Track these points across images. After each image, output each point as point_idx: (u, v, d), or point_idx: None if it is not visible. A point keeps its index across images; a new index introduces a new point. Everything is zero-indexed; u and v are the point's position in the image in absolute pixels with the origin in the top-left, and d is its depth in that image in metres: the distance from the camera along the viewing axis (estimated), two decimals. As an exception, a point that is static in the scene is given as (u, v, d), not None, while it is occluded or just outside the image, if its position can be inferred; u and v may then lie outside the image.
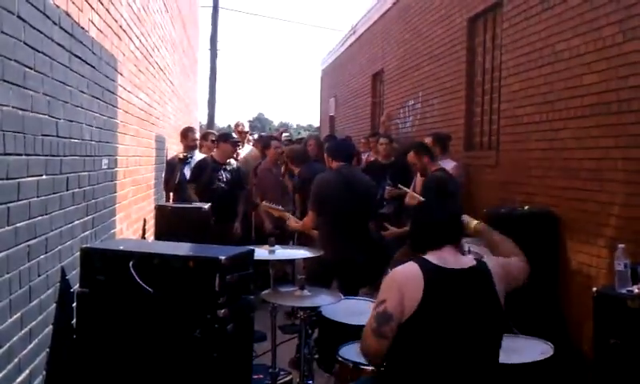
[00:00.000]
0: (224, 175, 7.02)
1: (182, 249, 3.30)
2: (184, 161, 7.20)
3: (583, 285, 5.04)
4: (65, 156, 3.31)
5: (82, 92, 3.68)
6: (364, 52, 13.31)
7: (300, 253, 4.02)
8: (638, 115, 4.42)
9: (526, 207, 5.69)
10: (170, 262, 3.11)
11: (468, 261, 2.99)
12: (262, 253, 3.83)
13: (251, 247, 3.52)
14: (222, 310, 3.03)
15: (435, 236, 2.95)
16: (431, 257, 2.89)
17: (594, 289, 3.48)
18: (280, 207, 5.78)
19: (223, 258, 3.05)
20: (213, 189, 6.90)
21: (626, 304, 3.20)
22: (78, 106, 3.58)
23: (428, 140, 6.86)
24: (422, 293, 2.74)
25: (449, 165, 6.66)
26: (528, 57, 6.06)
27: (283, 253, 3.92)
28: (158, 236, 6.01)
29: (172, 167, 7.40)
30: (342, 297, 3.67)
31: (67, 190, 3.35)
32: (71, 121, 3.44)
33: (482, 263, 3.03)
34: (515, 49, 6.34)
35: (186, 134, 7.77)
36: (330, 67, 17.75)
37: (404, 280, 2.81)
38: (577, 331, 5.06)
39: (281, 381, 4.52)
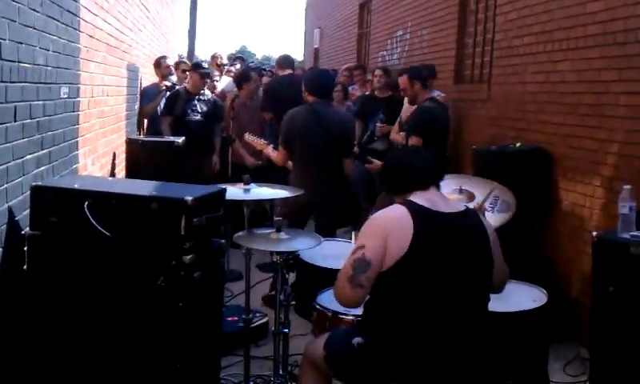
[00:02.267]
0: (198, 106, 6.66)
1: (144, 188, 2.97)
2: (170, 89, 6.80)
3: (575, 227, 4.80)
4: (11, 82, 2.93)
5: (35, 10, 3.28)
6: (351, -20, 12.74)
7: (278, 192, 3.69)
8: (646, 46, 4.09)
9: (518, 144, 5.38)
10: (130, 203, 2.78)
11: (458, 205, 2.74)
12: (235, 192, 3.50)
13: (223, 186, 3.19)
14: (189, 256, 2.73)
15: (418, 177, 2.68)
16: (418, 198, 2.61)
17: (594, 233, 3.22)
18: (262, 140, 5.44)
19: (190, 198, 2.72)
20: (187, 121, 6.55)
21: (629, 250, 2.94)
22: (29, 26, 3.18)
23: (404, 80, 6.47)
24: (410, 239, 2.47)
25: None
26: (526, -18, 5.65)
27: (259, 192, 3.59)
28: (129, 172, 5.69)
29: (149, 96, 7.01)
30: (322, 239, 3.38)
31: (15, 121, 2.99)
32: (20, 42, 3.05)
33: (472, 210, 2.78)
34: (512, -26, 5.92)
35: (159, 62, 7.35)
36: (316, -3, 17.14)
37: (388, 225, 2.54)
38: (565, 276, 4.84)
39: (256, 324, 4.30)
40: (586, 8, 4.76)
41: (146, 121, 7.33)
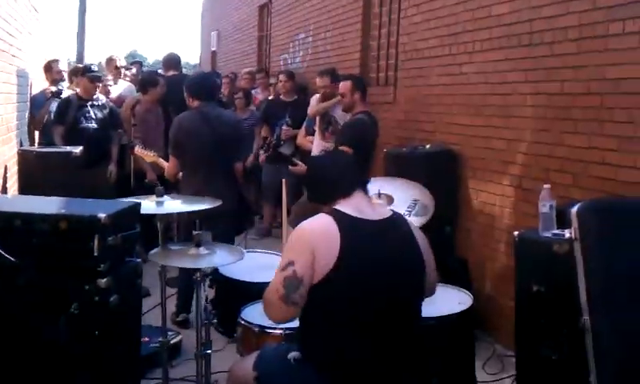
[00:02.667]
0: (92, 113, 6.28)
1: (50, 206, 2.71)
2: (57, 95, 6.35)
3: (486, 226, 4.90)
4: None
5: None
6: (249, -18, 12.55)
7: (194, 205, 3.50)
8: (551, 48, 4.20)
9: (427, 146, 5.43)
10: (36, 224, 2.53)
11: (385, 211, 2.67)
12: (147, 205, 3.27)
13: (136, 200, 2.98)
14: (104, 280, 2.51)
15: (339, 184, 2.59)
16: (345, 207, 2.52)
17: (515, 232, 3.25)
18: (152, 152, 5.19)
19: (103, 215, 2.51)
20: (81, 129, 6.16)
21: (552, 249, 2.98)
22: None
23: (324, 80, 6.42)
24: (337, 250, 2.38)
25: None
26: (430, -15, 5.72)
27: (173, 205, 3.39)
28: (23, 186, 5.28)
29: (39, 104, 6.55)
30: (245, 252, 3.22)
31: None
32: None
33: (399, 214, 2.73)
34: (416, -22, 5.97)
35: (50, 66, 6.88)
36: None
37: (316, 237, 2.43)
38: (478, 275, 4.92)
39: (171, 343, 4.08)
40: (491, 11, 4.85)
41: (37, 131, 6.85)
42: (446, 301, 3.24)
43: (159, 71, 8.16)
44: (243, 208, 4.96)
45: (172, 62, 7.56)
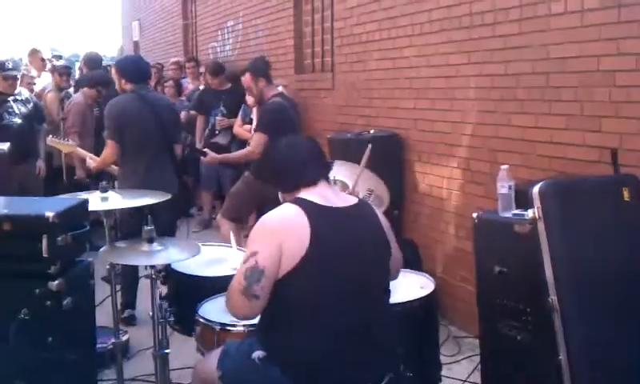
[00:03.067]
0: (15, 107, 5.96)
1: (-11, 205, 2.49)
2: None
3: (434, 209, 4.91)
4: None
5: None
6: (171, -32, 12.18)
7: (141, 199, 3.31)
8: (493, 29, 4.22)
9: (372, 131, 5.39)
10: (-24, 225, 2.30)
11: (350, 198, 2.60)
12: (92, 201, 3.07)
13: (83, 196, 2.78)
14: (55, 282, 2.32)
15: (302, 173, 2.48)
16: (309, 195, 2.42)
17: (474, 214, 3.23)
18: (70, 141, 4.94)
19: (51, 214, 2.31)
20: (4, 125, 5.87)
21: (513, 229, 2.97)
22: None
23: (247, 78, 6.25)
24: (307, 241, 2.27)
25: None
26: (365, -31, 5.66)
27: (119, 200, 3.19)
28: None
29: None
30: (200, 246, 3.07)
31: None
32: None
33: (364, 201, 2.67)
34: (350, -39, 5.90)
35: None
36: (131, -13, 16.22)
37: (282, 228, 2.31)
38: (428, 257, 4.94)
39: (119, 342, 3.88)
40: (429, -6, 4.84)
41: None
42: (408, 286, 3.19)
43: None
44: (183, 193, 4.79)
45: (97, 61, 7.30)
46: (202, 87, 8.11)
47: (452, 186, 4.68)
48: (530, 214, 2.81)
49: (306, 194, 2.44)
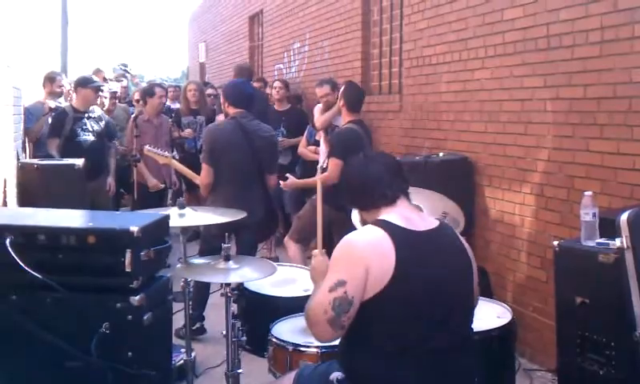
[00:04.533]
0: (89, 125, 6.14)
1: (75, 219, 2.54)
2: (55, 111, 6.19)
3: (506, 236, 4.78)
4: None
5: None
6: (238, -8, 12.42)
7: (218, 217, 3.33)
8: (572, 51, 4.11)
9: (441, 154, 5.31)
10: (62, 238, 2.35)
11: (432, 220, 2.52)
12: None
13: (164, 212, 2.81)
14: (137, 297, 2.34)
15: (379, 192, 2.43)
16: (391, 216, 2.37)
17: (555, 242, 3.12)
18: (166, 152, 5.04)
19: (136, 228, 2.34)
20: (78, 142, 6.02)
21: (597, 259, 2.86)
22: None
23: (324, 89, 6.27)
24: (392, 267, 2.21)
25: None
26: (437, -8, 5.63)
27: (197, 217, 3.22)
28: (23, 199, 5.08)
29: (33, 116, 6.37)
30: (276, 266, 3.06)
31: None
32: None
33: (446, 223, 2.59)
34: (421, -16, 5.88)
35: (53, 78, 6.70)
36: (200, 11, 16.63)
37: (368, 253, 2.25)
38: (499, 285, 4.81)
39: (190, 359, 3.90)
40: (504, 15, 4.76)
41: (30, 143, 6.65)
42: (484, 314, 3.10)
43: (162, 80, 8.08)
44: (269, 218, 4.83)
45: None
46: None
47: (525, 213, 4.55)
48: (616, 243, 2.70)
49: (388, 214, 2.38)
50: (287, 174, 5.50)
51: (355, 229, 2.64)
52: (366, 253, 2.24)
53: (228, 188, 4.51)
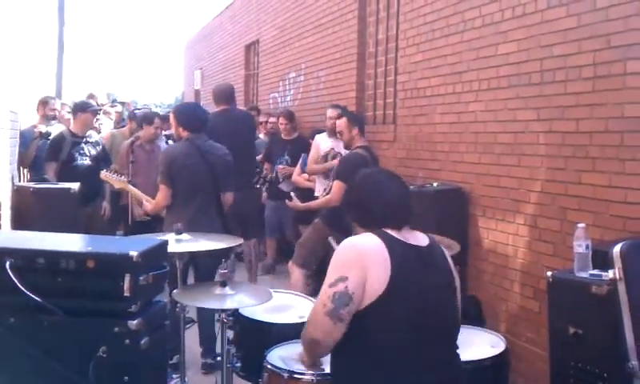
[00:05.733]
0: (86, 149, 6.17)
1: (74, 243, 2.56)
2: (45, 136, 6.22)
3: (498, 266, 4.82)
4: None
5: None
6: (236, 21, 12.55)
7: (215, 243, 3.35)
8: (564, 86, 4.19)
9: (435, 184, 5.37)
10: (62, 262, 2.37)
11: (423, 237, 2.56)
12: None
13: (162, 237, 2.83)
14: (135, 321, 2.35)
15: (392, 216, 2.47)
16: (390, 231, 2.43)
17: (549, 273, 3.16)
18: (122, 177, 5.05)
19: (135, 253, 2.36)
20: (75, 166, 6.07)
21: (590, 290, 2.89)
22: None
23: (335, 112, 6.37)
24: (388, 274, 2.28)
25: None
26: (432, 26, 5.72)
27: (194, 243, 3.24)
28: (17, 223, 5.09)
29: (26, 140, 6.41)
30: (272, 292, 3.08)
31: None
32: None
33: (435, 242, 2.63)
34: (417, 17, 5.98)
35: (46, 101, 6.75)
36: (196, 38, 16.78)
37: (368, 255, 2.31)
38: (492, 315, 4.83)
39: None
40: (497, 50, 4.85)
41: (24, 168, 6.68)
42: (477, 343, 3.12)
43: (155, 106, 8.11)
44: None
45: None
46: (261, 135, 8.26)
47: (518, 243, 4.59)
48: (609, 274, 2.74)
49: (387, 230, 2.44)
50: (292, 193, 5.58)
51: None
52: (365, 255, 2.31)
53: (186, 210, 4.50)
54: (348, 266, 2.30)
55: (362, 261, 2.29)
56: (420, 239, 2.51)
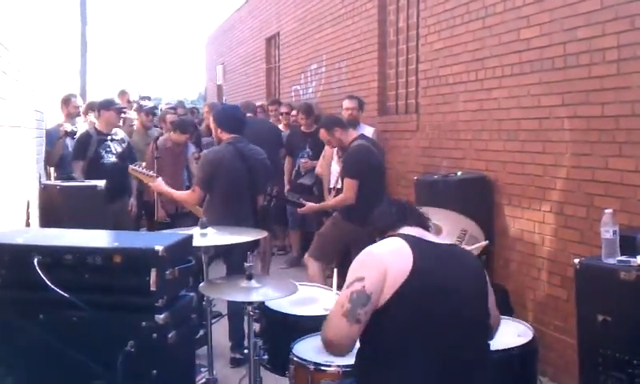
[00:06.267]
0: (113, 147, 6.24)
1: (101, 239, 2.59)
2: (71, 135, 6.30)
3: (525, 254, 4.77)
4: None
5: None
6: (255, 15, 12.57)
7: (239, 237, 3.37)
8: (589, 70, 4.12)
9: (459, 173, 5.33)
10: (89, 258, 2.40)
11: (447, 240, 2.60)
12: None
13: (188, 232, 2.85)
14: (162, 315, 2.37)
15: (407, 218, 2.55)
16: (408, 230, 2.45)
17: (576, 260, 3.12)
18: (151, 172, 5.08)
19: (161, 248, 2.38)
20: (102, 163, 6.14)
21: (619, 276, 2.85)
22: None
23: (352, 103, 6.38)
24: (409, 269, 2.28)
25: (368, 131, 6.24)
26: (452, 12, 5.67)
27: (218, 237, 3.26)
28: (45, 220, 5.15)
29: (52, 139, 6.48)
30: (297, 285, 3.09)
31: None
32: None
33: (459, 246, 2.66)
34: (437, 4, 5.93)
35: (69, 100, 6.82)
36: (217, 34, 16.84)
37: (388, 256, 2.33)
38: (519, 304, 4.79)
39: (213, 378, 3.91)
40: (520, 35, 4.79)
41: (51, 166, 6.76)
42: (505, 333, 3.09)
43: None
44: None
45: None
46: (281, 127, 8.27)
47: (544, 231, 4.54)
48: (638, 260, 2.70)
49: (407, 230, 2.47)
50: (301, 200, 5.60)
51: None
52: (386, 257, 2.33)
53: (224, 212, 4.48)
54: (366, 267, 2.32)
55: (382, 261, 2.30)
56: (442, 239, 2.55)
